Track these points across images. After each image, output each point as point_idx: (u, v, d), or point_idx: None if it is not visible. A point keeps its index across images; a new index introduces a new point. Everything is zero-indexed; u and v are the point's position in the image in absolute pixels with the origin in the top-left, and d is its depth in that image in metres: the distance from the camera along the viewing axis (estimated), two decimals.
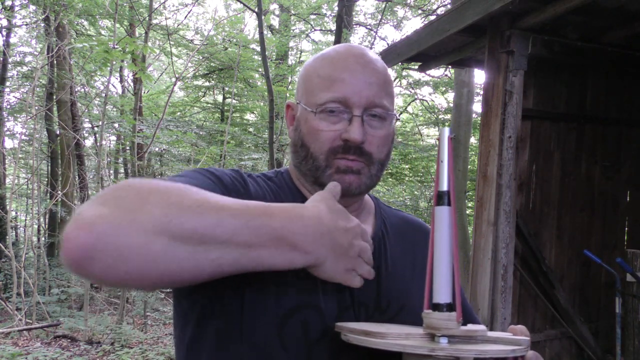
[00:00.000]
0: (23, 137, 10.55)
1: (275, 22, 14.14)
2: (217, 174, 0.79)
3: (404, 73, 11.65)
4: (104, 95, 9.49)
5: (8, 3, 10.05)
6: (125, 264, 0.54)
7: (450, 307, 0.54)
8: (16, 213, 13.33)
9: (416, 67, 4.44)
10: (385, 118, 0.82)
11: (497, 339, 0.57)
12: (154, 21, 10.92)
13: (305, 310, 0.75)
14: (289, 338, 0.74)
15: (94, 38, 10.19)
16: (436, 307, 0.55)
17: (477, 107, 7.51)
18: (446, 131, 0.58)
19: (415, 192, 12.36)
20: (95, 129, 11.85)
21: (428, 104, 13.36)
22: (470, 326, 0.56)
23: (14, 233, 11.68)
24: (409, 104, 14.14)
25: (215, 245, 0.58)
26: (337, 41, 8.03)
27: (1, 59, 10.02)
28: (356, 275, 0.68)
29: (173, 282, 0.60)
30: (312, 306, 0.75)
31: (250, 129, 13.38)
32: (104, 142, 9.37)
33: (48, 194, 10.34)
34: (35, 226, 11.92)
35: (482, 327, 0.57)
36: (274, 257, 0.61)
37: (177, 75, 8.50)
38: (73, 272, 0.56)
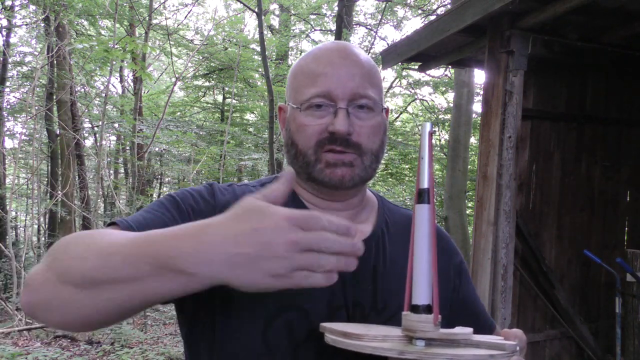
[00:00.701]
0: (23, 137, 10.54)
1: (275, 22, 14.12)
2: (178, 197, 0.82)
3: (404, 73, 11.63)
4: (104, 95, 9.48)
5: (8, 3, 10.05)
6: (53, 313, 0.62)
7: (428, 309, 0.53)
8: (16, 213, 13.31)
9: (416, 67, 4.43)
10: (372, 108, 0.82)
11: (480, 342, 0.55)
12: (154, 21, 10.92)
13: (289, 312, 0.76)
14: (273, 340, 0.75)
15: (94, 38, 10.19)
16: (414, 308, 0.53)
17: (477, 107, 7.50)
18: (427, 126, 0.57)
19: None
20: (95, 129, 11.84)
21: (428, 104, 13.35)
22: (458, 329, 0.54)
23: (14, 233, 11.68)
24: (409, 104, 14.13)
25: (106, 285, 0.59)
26: None
27: (1, 59, 10.01)
28: (311, 274, 0.54)
29: (98, 323, 0.64)
30: (296, 308, 0.76)
31: (250, 129, 13.40)
32: (104, 142, 9.37)
33: (48, 194, 10.34)
34: (35, 226, 11.95)
35: (466, 330, 0.55)
36: (163, 286, 0.57)
37: (177, 75, 8.50)
38: None
